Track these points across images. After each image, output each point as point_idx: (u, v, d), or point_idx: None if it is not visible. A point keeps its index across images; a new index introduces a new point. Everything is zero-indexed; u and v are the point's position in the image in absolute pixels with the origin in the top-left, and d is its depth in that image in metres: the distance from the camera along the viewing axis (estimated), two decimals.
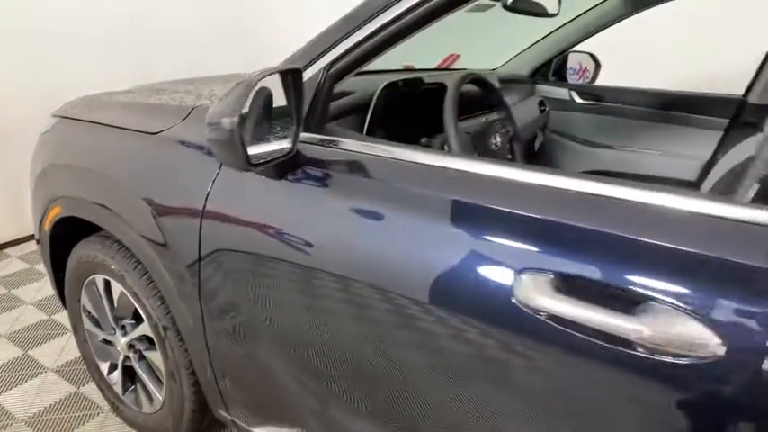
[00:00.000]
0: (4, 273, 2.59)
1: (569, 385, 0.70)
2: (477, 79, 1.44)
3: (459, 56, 3.68)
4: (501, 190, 0.79)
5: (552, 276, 0.69)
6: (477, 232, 0.77)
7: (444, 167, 0.85)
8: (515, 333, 0.73)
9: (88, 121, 1.42)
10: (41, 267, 2.62)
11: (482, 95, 1.56)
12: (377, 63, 1.00)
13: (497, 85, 1.70)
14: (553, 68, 2.23)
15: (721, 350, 0.58)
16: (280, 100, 0.91)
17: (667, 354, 0.61)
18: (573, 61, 2.26)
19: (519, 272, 0.71)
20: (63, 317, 2.19)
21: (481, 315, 0.75)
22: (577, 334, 0.66)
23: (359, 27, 0.93)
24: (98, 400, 1.73)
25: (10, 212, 2.81)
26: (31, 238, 2.93)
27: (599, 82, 2.29)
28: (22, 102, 2.63)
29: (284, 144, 0.92)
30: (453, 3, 0.86)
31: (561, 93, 2.21)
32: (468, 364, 0.78)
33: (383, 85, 1.27)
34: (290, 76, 0.89)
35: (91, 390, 1.77)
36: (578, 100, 2.20)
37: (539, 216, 0.73)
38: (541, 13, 1.50)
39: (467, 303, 0.77)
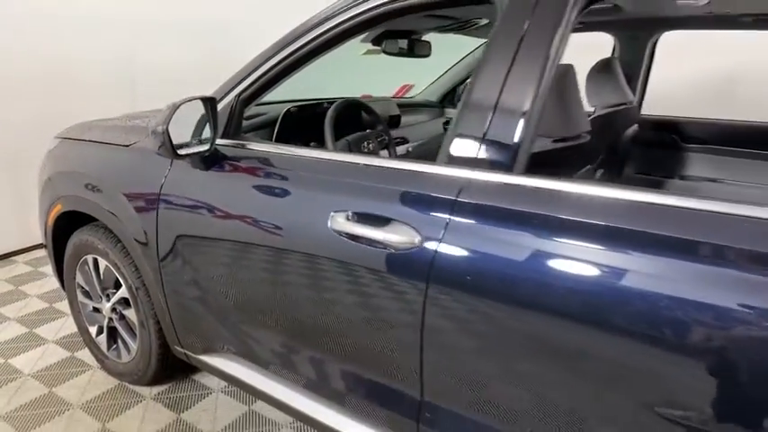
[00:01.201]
0: (13, 274, 3.06)
1: (354, 269, 1.18)
2: (355, 104, 1.96)
3: (412, 85, 4.24)
4: (335, 168, 1.29)
5: (349, 213, 1.18)
6: (322, 194, 1.27)
7: (317, 158, 1.35)
8: (328, 247, 1.22)
9: (83, 140, 1.94)
10: (44, 269, 3.11)
11: (364, 115, 2.06)
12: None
13: (396, 110, 2.22)
14: (457, 95, 2.76)
15: (419, 242, 1.07)
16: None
17: (397, 247, 1.10)
18: None
19: (334, 212, 1.21)
20: (62, 305, 2.66)
21: (311, 241, 1.25)
22: (359, 244, 1.15)
23: (257, 68, 1.45)
24: (90, 359, 2.19)
25: (18, 224, 3.30)
26: (36, 247, 3.42)
27: None
28: (28, 129, 3.14)
29: (206, 146, 1.42)
30: (328, 44, 1.37)
31: None
32: (309, 268, 1.27)
33: (286, 108, 1.79)
34: (209, 102, 1.41)
35: (84, 354, 2.23)
36: None
37: (348, 180, 1.23)
38: (420, 54, 2.01)
39: (309, 238, 1.26)
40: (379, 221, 1.13)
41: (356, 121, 1.91)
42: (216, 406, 1.94)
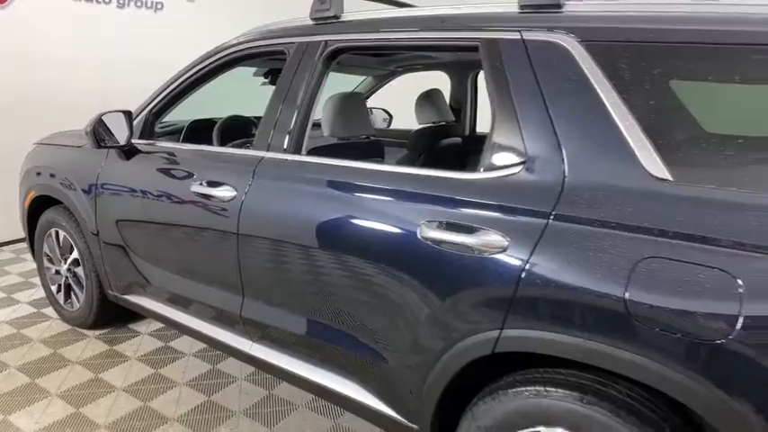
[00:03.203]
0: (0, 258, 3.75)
1: (204, 222, 1.86)
2: (241, 119, 2.68)
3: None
4: (207, 156, 1.99)
5: (202, 181, 1.88)
6: (193, 171, 1.96)
7: (196, 150, 2.05)
8: (193, 209, 1.91)
9: (51, 144, 2.65)
10: (25, 256, 3.78)
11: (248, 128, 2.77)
12: None
13: None
14: None
15: (239, 195, 1.76)
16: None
17: (223, 199, 1.79)
18: (376, 114, 3.53)
19: (193, 182, 1.90)
20: (37, 280, 3.32)
21: (182, 206, 1.94)
22: (206, 201, 1.85)
23: (161, 92, 2.18)
24: (52, 313, 2.85)
25: (6, 220, 3.99)
26: (21, 240, 4.09)
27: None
28: (18, 147, 3.87)
29: (123, 143, 2.13)
30: (208, 75, 2.09)
31: None
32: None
33: (191, 121, 2.52)
34: (126, 114, 2.12)
35: (48, 311, 2.89)
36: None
37: (207, 161, 1.93)
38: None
39: (181, 203, 1.95)
40: (218, 183, 1.82)
41: (245, 131, 2.63)
42: (140, 342, 2.59)
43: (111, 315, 2.65)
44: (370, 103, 3.24)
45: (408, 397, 1.48)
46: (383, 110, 3.49)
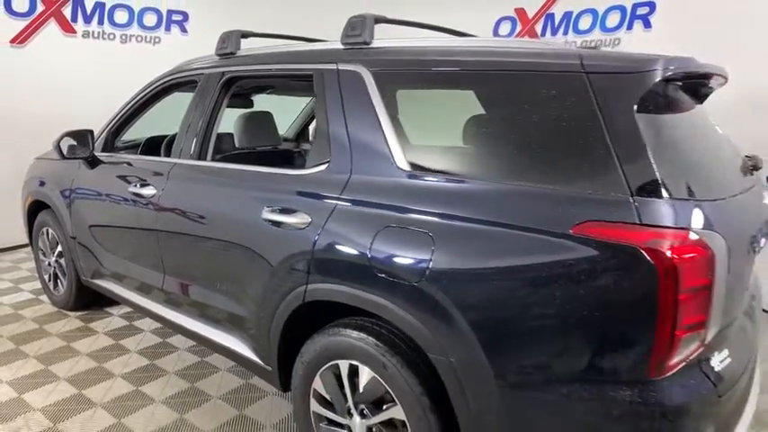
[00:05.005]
0: (17, 257, 4.40)
1: (135, 214, 2.37)
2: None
3: None
4: (154, 165, 2.51)
5: (141, 182, 2.39)
6: (138, 175, 2.48)
7: (140, 160, 2.57)
8: (134, 207, 2.42)
9: (45, 158, 3.25)
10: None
11: None
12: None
13: None
14: (307, 133, 3.96)
15: (156, 192, 2.26)
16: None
17: (145, 196, 2.29)
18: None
19: (135, 185, 2.41)
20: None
21: (132, 205, 2.46)
22: (138, 198, 2.35)
23: (117, 114, 2.73)
24: (43, 296, 3.42)
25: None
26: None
27: None
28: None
29: (85, 155, 2.68)
30: (153, 99, 2.62)
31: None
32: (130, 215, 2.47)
33: (146, 137, 3.06)
34: (88, 132, 2.68)
35: (43, 298, 3.47)
36: None
37: (153, 168, 2.45)
38: (244, 106, 3.22)
39: (130, 203, 2.46)
40: (146, 184, 2.32)
41: None
42: (110, 321, 3.12)
43: (88, 299, 3.19)
44: None
45: (264, 344, 1.91)
46: None
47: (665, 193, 1.17)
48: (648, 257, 1.13)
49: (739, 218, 1.41)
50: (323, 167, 1.73)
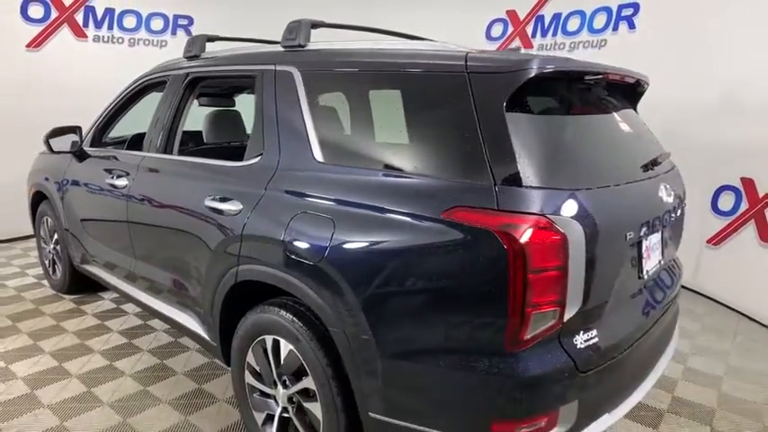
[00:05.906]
0: (28, 245, 4.73)
1: (111, 201, 2.59)
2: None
3: None
4: (135, 158, 2.74)
5: (116, 174, 2.61)
6: (119, 167, 2.70)
7: (119, 153, 2.80)
8: (113, 196, 2.64)
9: (45, 153, 3.53)
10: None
11: None
12: None
13: None
14: None
15: (129, 182, 2.47)
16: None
17: (119, 186, 2.51)
18: None
19: (114, 177, 2.64)
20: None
21: (114, 195, 2.68)
22: (116, 190, 2.57)
23: (102, 113, 2.96)
24: (45, 281, 3.70)
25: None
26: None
27: None
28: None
29: (74, 149, 2.92)
30: (133, 98, 2.85)
31: None
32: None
33: (132, 134, 3.28)
34: (77, 128, 2.92)
35: (44, 282, 3.75)
36: None
37: (133, 161, 2.67)
38: (225, 105, 3.42)
39: (112, 193, 2.69)
40: (121, 176, 2.54)
41: None
42: (100, 304, 3.37)
43: (82, 283, 3.44)
44: None
45: (209, 322, 2.09)
46: None
47: (525, 182, 1.29)
48: (501, 240, 1.25)
49: (618, 208, 1.51)
50: (256, 160, 1.90)
